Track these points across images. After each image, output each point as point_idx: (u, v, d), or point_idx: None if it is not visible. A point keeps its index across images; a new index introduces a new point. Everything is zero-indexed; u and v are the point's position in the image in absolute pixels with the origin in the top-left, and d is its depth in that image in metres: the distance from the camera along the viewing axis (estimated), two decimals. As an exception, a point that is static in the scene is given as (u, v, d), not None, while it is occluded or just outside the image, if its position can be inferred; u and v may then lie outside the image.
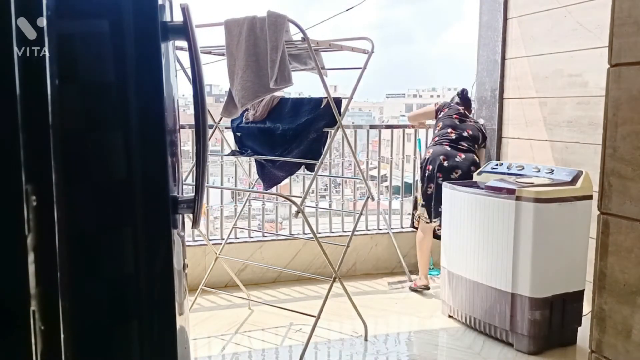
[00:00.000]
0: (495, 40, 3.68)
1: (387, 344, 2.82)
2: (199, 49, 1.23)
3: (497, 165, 3.12)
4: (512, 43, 3.59)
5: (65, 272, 1.03)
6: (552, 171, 2.81)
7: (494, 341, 2.76)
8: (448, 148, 3.36)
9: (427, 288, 3.46)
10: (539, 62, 3.41)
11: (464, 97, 3.67)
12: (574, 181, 2.67)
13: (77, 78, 1.11)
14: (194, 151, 3.23)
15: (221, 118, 2.94)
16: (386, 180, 4.46)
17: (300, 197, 2.70)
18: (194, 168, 2.52)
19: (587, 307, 2.63)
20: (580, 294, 2.70)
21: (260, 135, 2.85)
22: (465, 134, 3.44)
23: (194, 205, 1.27)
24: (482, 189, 2.77)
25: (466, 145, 3.40)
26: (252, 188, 3.47)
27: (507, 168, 3.02)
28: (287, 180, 3.32)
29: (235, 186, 3.93)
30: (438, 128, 3.52)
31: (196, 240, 3.56)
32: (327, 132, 2.65)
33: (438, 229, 3.40)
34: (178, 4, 1.20)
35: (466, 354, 2.65)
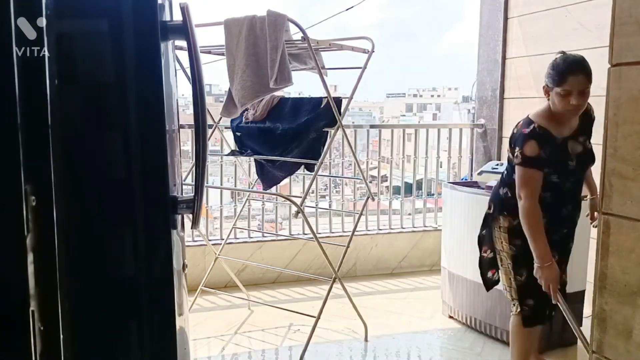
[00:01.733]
0: (496, 39, 3.68)
1: (387, 344, 2.82)
2: (198, 49, 1.23)
3: (497, 165, 3.11)
4: (513, 43, 3.59)
5: (64, 272, 1.02)
6: (552, 171, 2.80)
7: (494, 342, 2.75)
8: None
9: None
10: (539, 61, 3.40)
11: None
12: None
13: (77, 78, 1.11)
14: (194, 151, 3.22)
15: (221, 118, 2.94)
16: (386, 180, 4.46)
17: (300, 197, 2.70)
18: (194, 168, 2.52)
19: (587, 308, 2.62)
20: (581, 295, 2.70)
21: (260, 135, 2.84)
22: None
23: (193, 206, 1.27)
24: (482, 189, 2.77)
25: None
26: (252, 188, 3.47)
27: (508, 168, 3.01)
28: (287, 180, 3.32)
29: (235, 186, 3.92)
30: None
31: (196, 241, 3.56)
32: (327, 132, 2.65)
33: None
34: (177, 4, 1.20)
35: (467, 355, 2.65)
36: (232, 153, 3.04)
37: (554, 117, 2.04)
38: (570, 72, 1.96)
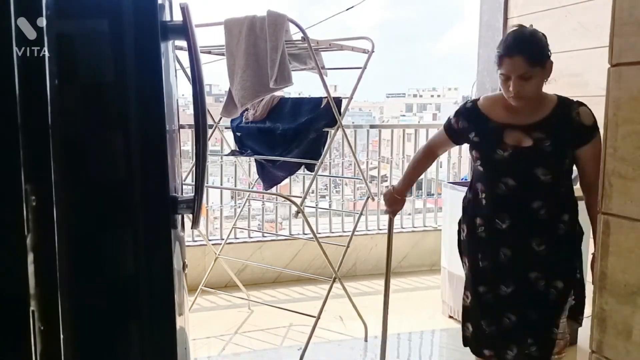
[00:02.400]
0: (496, 39, 3.67)
1: (387, 344, 2.82)
2: (198, 49, 1.23)
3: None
4: (512, 43, 3.59)
5: (64, 272, 1.02)
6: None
7: (494, 341, 2.75)
8: None
9: None
10: (539, 62, 3.40)
11: None
12: (574, 181, 2.66)
13: (77, 78, 1.11)
14: (194, 151, 3.22)
15: (221, 118, 2.94)
16: (386, 180, 4.46)
17: (300, 197, 2.70)
18: (194, 168, 2.52)
19: (587, 308, 2.62)
20: (580, 294, 2.69)
21: (260, 135, 2.85)
22: None
23: (193, 206, 1.27)
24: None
25: None
26: (252, 188, 3.47)
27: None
28: (287, 180, 3.32)
29: (235, 186, 3.93)
30: None
31: (196, 241, 3.56)
32: (327, 132, 2.65)
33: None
34: (178, 4, 1.20)
35: (466, 355, 2.64)
36: (232, 153, 3.04)
37: (502, 101, 1.76)
38: (506, 53, 1.62)
